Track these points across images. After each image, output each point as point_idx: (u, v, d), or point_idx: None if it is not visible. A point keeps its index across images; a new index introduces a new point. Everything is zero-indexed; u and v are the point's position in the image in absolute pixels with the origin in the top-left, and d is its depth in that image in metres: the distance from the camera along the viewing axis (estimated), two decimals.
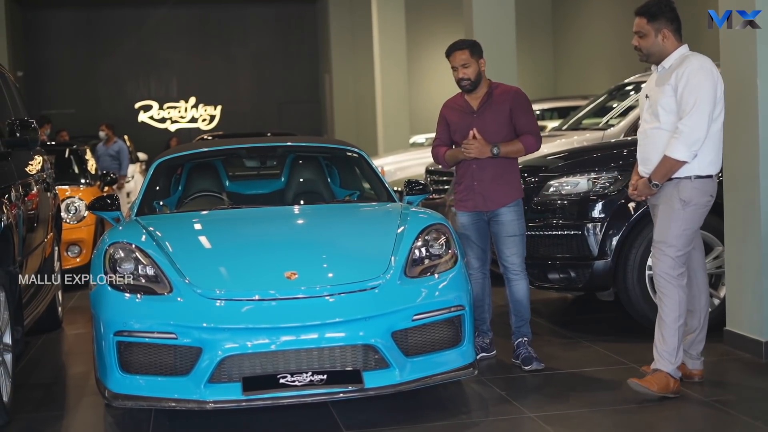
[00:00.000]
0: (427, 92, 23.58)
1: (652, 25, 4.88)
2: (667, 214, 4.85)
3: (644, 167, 4.96)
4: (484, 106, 5.63)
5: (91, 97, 25.30)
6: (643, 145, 4.96)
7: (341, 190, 6.82)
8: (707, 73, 4.75)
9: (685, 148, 4.71)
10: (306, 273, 4.71)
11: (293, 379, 4.40)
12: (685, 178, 4.80)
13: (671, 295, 4.85)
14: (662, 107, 4.81)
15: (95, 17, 25.52)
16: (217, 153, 6.87)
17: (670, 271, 4.85)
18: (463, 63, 5.60)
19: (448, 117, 5.78)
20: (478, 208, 5.66)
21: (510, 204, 5.62)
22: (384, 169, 12.20)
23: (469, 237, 5.72)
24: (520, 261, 5.66)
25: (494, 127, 5.58)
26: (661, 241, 4.87)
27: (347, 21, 23.91)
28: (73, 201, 9.30)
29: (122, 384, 4.51)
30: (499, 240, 5.67)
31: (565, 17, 23.27)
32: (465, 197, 5.72)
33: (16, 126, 5.77)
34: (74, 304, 8.41)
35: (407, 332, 4.62)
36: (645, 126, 4.96)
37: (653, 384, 4.83)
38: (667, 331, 4.86)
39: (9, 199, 5.37)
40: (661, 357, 4.88)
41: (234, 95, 26.34)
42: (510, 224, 5.62)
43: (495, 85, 5.71)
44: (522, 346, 5.62)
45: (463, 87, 5.66)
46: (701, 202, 4.85)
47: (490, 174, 5.60)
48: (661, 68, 4.91)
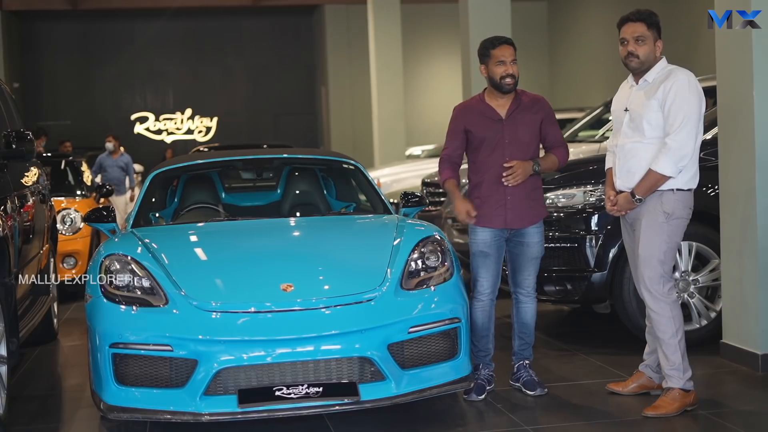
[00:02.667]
0: (423, 104, 23.63)
1: (651, 32, 4.81)
2: (652, 228, 4.79)
3: (622, 182, 4.88)
4: (514, 113, 5.17)
5: (88, 108, 25.29)
6: (623, 159, 4.88)
7: (337, 202, 6.82)
8: (695, 90, 4.72)
9: (672, 163, 4.67)
10: (302, 285, 4.70)
11: (289, 391, 4.40)
12: (668, 190, 4.75)
13: (664, 312, 4.81)
14: (647, 122, 4.75)
15: (92, 29, 25.52)
16: (213, 165, 6.87)
17: (660, 287, 4.80)
18: (512, 59, 5.13)
19: (468, 123, 5.21)
20: (509, 226, 5.19)
21: (537, 223, 5.25)
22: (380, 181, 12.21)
23: (490, 255, 5.22)
24: (534, 283, 5.35)
25: (525, 137, 5.16)
26: (648, 255, 4.79)
27: (344, 33, 23.95)
28: (69, 212, 9.28)
29: (118, 396, 4.51)
30: (520, 261, 5.29)
31: (560, 29, 23.34)
32: (492, 213, 5.16)
33: (12, 137, 5.76)
34: (70, 316, 8.39)
35: (403, 344, 4.62)
36: (624, 140, 4.87)
37: (667, 407, 4.78)
38: (668, 348, 4.82)
39: (5, 211, 5.37)
40: (669, 376, 4.84)
41: (230, 107, 26.34)
42: (535, 246, 5.25)
43: (521, 92, 5.25)
44: (523, 369, 5.38)
45: (506, 85, 5.11)
46: (683, 214, 4.81)
47: (525, 190, 5.16)
48: (644, 82, 4.85)
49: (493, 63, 5.14)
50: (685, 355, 4.85)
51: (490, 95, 5.24)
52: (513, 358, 5.48)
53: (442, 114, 22.13)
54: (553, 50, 23.84)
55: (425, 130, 22.72)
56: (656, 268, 4.79)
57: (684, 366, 4.83)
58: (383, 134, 18.95)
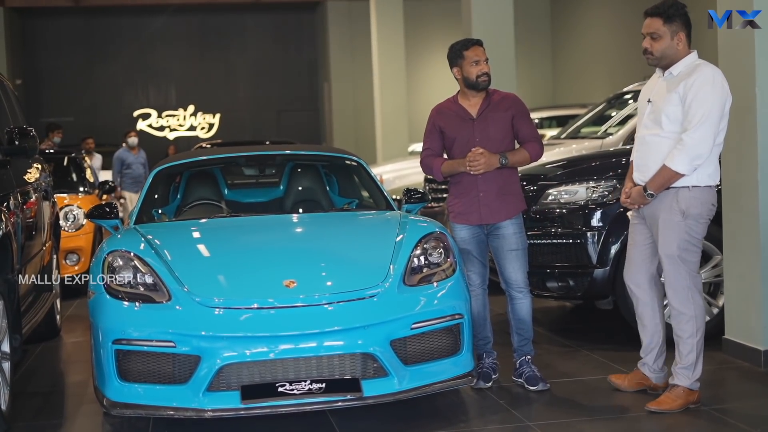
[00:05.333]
0: (426, 100, 23.54)
1: (669, 26, 4.68)
2: (669, 227, 4.72)
3: (640, 174, 4.83)
4: (485, 111, 5.35)
5: (90, 105, 25.27)
6: (641, 152, 4.82)
7: (340, 199, 6.82)
8: (718, 87, 4.60)
9: (687, 160, 4.58)
10: (305, 281, 4.71)
11: (292, 387, 4.40)
12: (683, 187, 4.67)
13: (686, 311, 4.76)
14: (666, 115, 4.67)
15: (94, 25, 25.50)
16: (215, 161, 6.88)
17: (684, 283, 4.73)
18: (485, 58, 5.33)
19: (442, 124, 5.43)
20: (484, 221, 5.34)
21: (513, 217, 5.36)
22: (383, 177, 12.20)
23: (471, 252, 5.39)
24: (523, 277, 5.38)
25: (497, 134, 5.31)
26: (670, 254, 4.73)
27: (346, 29, 23.94)
28: (72, 209, 9.29)
29: (121, 392, 4.51)
30: (501, 255, 5.37)
31: (563, 25, 23.31)
32: (468, 209, 5.36)
33: (15, 134, 5.77)
34: (73, 313, 8.40)
35: (406, 341, 4.62)
36: (644, 132, 4.82)
37: (670, 403, 4.77)
38: (685, 347, 4.78)
39: (8, 207, 5.37)
40: (678, 374, 4.82)
41: (233, 103, 26.32)
42: (512, 237, 5.33)
43: (492, 91, 5.43)
44: (525, 365, 5.40)
45: (482, 83, 5.31)
46: (702, 212, 4.71)
47: (497, 185, 5.30)
48: (669, 74, 4.74)
49: (468, 63, 5.34)
50: (701, 356, 4.81)
51: (462, 96, 5.46)
52: (514, 355, 5.50)
53: None
54: (555, 46, 23.81)
55: None
56: (679, 267, 4.72)
57: (696, 368, 4.80)
58: (386, 130, 18.95)
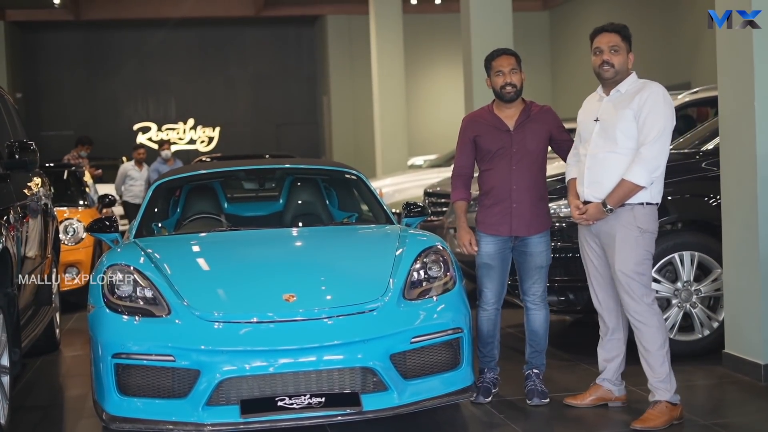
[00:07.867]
0: (425, 114, 23.66)
1: (625, 44, 4.89)
2: (628, 243, 4.80)
3: (592, 191, 4.88)
4: (523, 123, 5.26)
5: (90, 118, 25.28)
6: (593, 169, 4.87)
7: (339, 212, 6.82)
8: (669, 103, 4.77)
9: (646, 173, 4.69)
10: (304, 295, 4.70)
11: (291, 401, 4.39)
12: (638, 204, 4.78)
13: (650, 323, 4.81)
14: (621, 132, 4.76)
15: (94, 39, 25.56)
16: (215, 175, 6.88)
17: (645, 298, 4.82)
18: (512, 68, 5.26)
19: (476, 133, 5.30)
20: (514, 233, 5.25)
21: (542, 233, 5.30)
22: (382, 191, 12.21)
23: (493, 268, 5.31)
24: (542, 291, 5.37)
25: (533, 146, 5.24)
26: (627, 270, 4.80)
27: (346, 43, 24.00)
28: (72, 223, 9.29)
29: (120, 406, 4.51)
30: (525, 270, 5.34)
31: (562, 38, 23.37)
32: (499, 220, 5.26)
33: (15, 148, 5.78)
34: (72, 326, 8.39)
35: (406, 355, 4.61)
36: (595, 150, 4.87)
37: (655, 420, 4.76)
38: (655, 360, 4.81)
39: (7, 221, 5.37)
40: (656, 389, 4.83)
41: (232, 117, 26.36)
42: (540, 255, 5.29)
43: (531, 102, 5.37)
44: (530, 378, 5.38)
45: (506, 94, 5.25)
46: (654, 228, 4.87)
47: (531, 197, 5.24)
48: (616, 92, 4.87)
49: (494, 73, 5.29)
50: (670, 366, 4.84)
51: (498, 106, 5.37)
52: (524, 367, 5.49)
53: (444, 124, 22.31)
54: (554, 60, 23.87)
55: (427, 140, 22.75)
56: (639, 281, 4.81)
57: (671, 379, 4.82)
58: (385, 144, 18.97)
